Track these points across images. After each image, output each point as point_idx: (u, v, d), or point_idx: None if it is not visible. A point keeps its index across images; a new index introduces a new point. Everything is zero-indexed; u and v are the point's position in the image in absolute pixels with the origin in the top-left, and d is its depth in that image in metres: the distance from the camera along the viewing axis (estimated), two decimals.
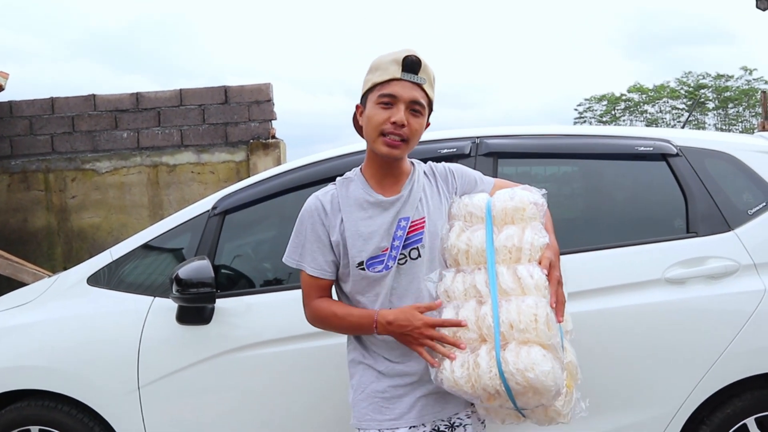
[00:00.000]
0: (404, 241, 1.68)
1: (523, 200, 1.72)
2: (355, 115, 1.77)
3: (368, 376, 1.72)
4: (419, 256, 1.69)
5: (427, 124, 1.73)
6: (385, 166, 1.71)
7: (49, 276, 3.51)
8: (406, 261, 1.68)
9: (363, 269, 1.68)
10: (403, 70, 1.63)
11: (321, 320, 1.74)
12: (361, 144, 2.54)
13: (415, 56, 1.63)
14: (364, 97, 1.71)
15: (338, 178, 1.78)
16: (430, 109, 1.72)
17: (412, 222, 1.69)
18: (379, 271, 1.67)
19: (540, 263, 1.64)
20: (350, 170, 1.79)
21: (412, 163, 1.79)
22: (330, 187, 1.76)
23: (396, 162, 1.71)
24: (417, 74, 1.64)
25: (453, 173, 1.83)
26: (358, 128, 1.77)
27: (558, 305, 1.63)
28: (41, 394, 2.48)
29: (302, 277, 1.75)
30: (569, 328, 1.78)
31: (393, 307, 1.67)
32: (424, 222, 1.71)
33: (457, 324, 1.57)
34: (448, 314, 1.63)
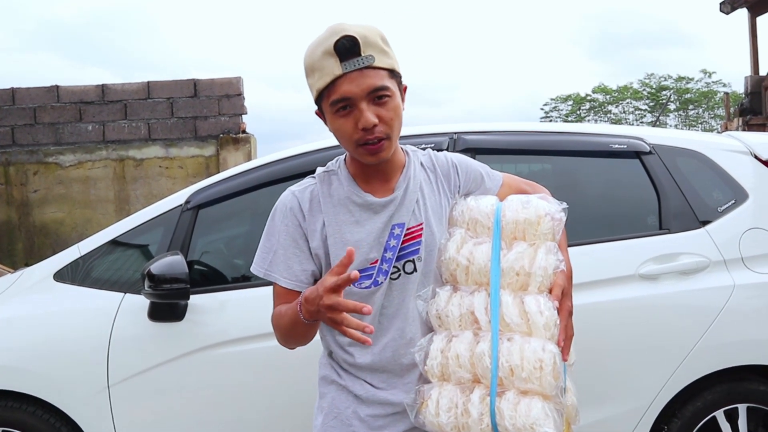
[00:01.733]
0: (398, 252, 1.40)
1: (538, 212, 1.45)
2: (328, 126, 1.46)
3: (343, 399, 1.45)
4: (414, 269, 1.42)
5: (404, 88, 1.43)
6: (372, 164, 1.42)
7: (10, 272, 3.40)
8: (400, 275, 1.42)
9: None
10: (341, 61, 1.30)
11: (275, 328, 1.45)
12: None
13: (347, 36, 1.29)
14: (317, 103, 1.41)
15: (318, 170, 1.49)
16: (398, 77, 1.39)
17: (407, 229, 1.42)
18: (366, 287, 1.40)
19: (551, 292, 1.40)
20: (332, 160, 1.51)
21: (406, 153, 1.49)
22: (308, 182, 1.47)
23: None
24: (360, 55, 1.30)
25: (457, 168, 1.53)
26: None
27: (566, 340, 1.40)
28: (5, 395, 2.40)
29: (274, 290, 1.45)
30: (572, 360, 1.54)
31: (381, 330, 1.42)
32: (421, 229, 1.43)
33: (359, 310, 1.19)
34: (439, 342, 1.39)
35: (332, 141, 2.47)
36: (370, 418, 1.43)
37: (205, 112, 5.91)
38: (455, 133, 2.46)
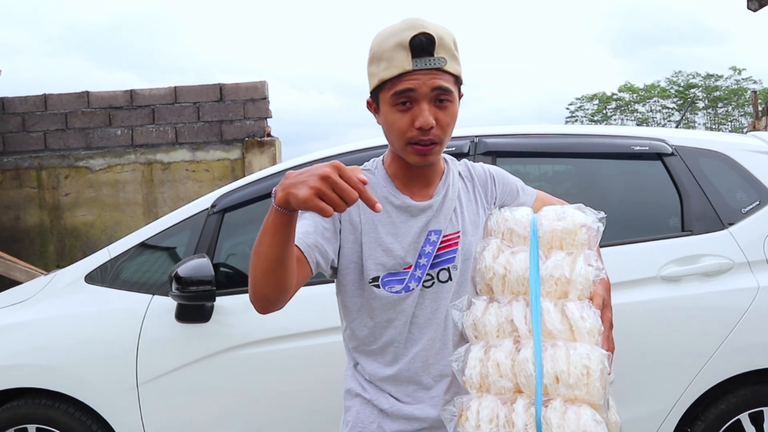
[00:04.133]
0: (433, 259, 1.37)
1: (575, 222, 1.43)
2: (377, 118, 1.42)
3: (367, 413, 1.40)
4: (449, 278, 1.38)
5: (461, 95, 1.39)
6: (414, 167, 1.38)
7: (43, 274, 3.50)
8: (433, 283, 1.38)
9: (377, 287, 1.36)
10: (414, 57, 1.26)
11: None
12: (363, 141, 2.57)
13: (425, 33, 1.26)
14: (374, 93, 1.35)
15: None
16: (461, 85, 1.37)
17: (444, 236, 1.38)
18: (396, 292, 1.36)
19: (592, 301, 1.35)
20: (369, 161, 1.47)
21: (445, 161, 1.46)
22: None
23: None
24: (433, 55, 1.27)
25: (494, 179, 1.52)
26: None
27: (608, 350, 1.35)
28: (39, 393, 2.48)
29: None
30: (611, 380, 1.47)
31: (411, 340, 1.38)
32: (458, 237, 1.40)
33: (361, 184, 1.05)
34: (477, 352, 1.33)
35: (357, 146, 2.51)
36: None
37: (230, 116, 5.99)
38: (476, 136, 2.47)
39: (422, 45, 1.26)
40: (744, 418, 2.27)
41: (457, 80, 1.34)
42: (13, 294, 2.81)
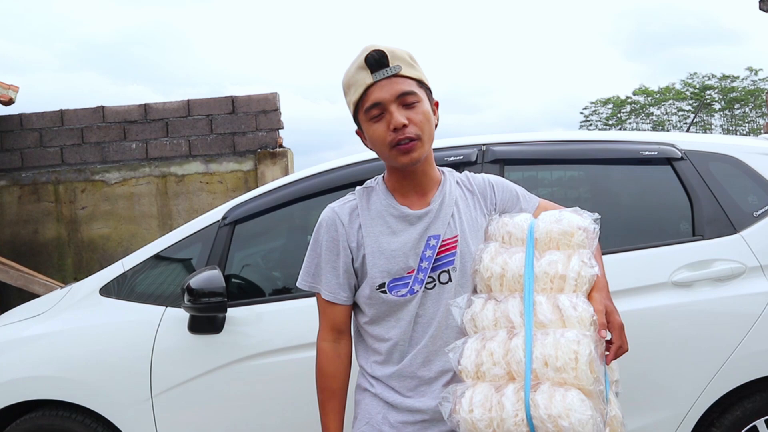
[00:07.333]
0: (433, 263, 1.47)
1: (571, 224, 1.50)
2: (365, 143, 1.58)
3: (375, 406, 1.52)
4: (449, 279, 1.49)
5: (435, 104, 1.52)
6: (409, 176, 1.50)
7: (61, 287, 3.55)
8: (435, 285, 1.48)
9: (384, 292, 1.48)
10: (372, 72, 1.43)
11: (316, 373, 1.58)
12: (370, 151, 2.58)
13: (376, 50, 1.43)
14: (356, 121, 1.52)
15: (358, 188, 1.58)
16: (428, 89, 1.50)
17: (443, 241, 1.48)
18: (402, 296, 1.47)
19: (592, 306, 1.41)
20: (371, 178, 1.60)
21: (442, 172, 1.58)
22: (348, 198, 1.56)
23: (421, 169, 1.50)
24: (388, 66, 1.43)
25: (493, 186, 1.61)
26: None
27: (619, 352, 1.43)
28: (55, 404, 2.51)
29: (317, 300, 1.56)
30: (615, 378, 1.58)
31: (414, 338, 1.49)
32: (456, 241, 1.49)
33: None
34: (473, 345, 1.41)
35: (365, 156, 2.53)
36: (400, 424, 1.49)
37: (243, 128, 6.05)
38: (484, 144, 2.48)
39: (375, 59, 1.43)
40: (760, 424, 2.24)
41: (421, 84, 1.48)
42: (30, 307, 2.86)
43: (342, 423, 1.55)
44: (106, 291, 2.61)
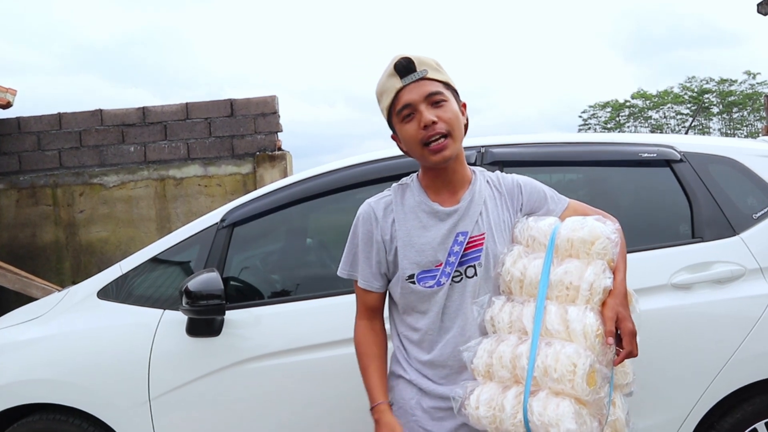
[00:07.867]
0: (460, 258, 1.57)
1: (593, 232, 1.53)
2: (400, 146, 1.68)
3: (408, 392, 1.63)
4: (475, 274, 1.59)
5: (463, 105, 1.63)
6: (441, 175, 1.61)
7: (59, 290, 3.54)
8: (462, 278, 1.58)
9: (413, 283, 1.59)
10: (401, 77, 1.55)
11: (355, 345, 1.69)
12: (374, 153, 2.57)
13: (404, 57, 1.55)
14: (391, 126, 1.63)
15: (394, 185, 1.70)
16: (455, 91, 1.61)
17: (470, 237, 1.58)
18: (430, 287, 1.58)
19: (603, 313, 1.49)
20: (407, 176, 1.71)
21: (473, 171, 1.68)
22: (385, 194, 1.68)
23: (452, 168, 1.60)
24: (416, 71, 1.55)
25: (521, 187, 1.70)
26: (409, 154, 1.67)
27: (628, 357, 1.51)
28: (52, 408, 2.50)
29: (355, 288, 1.70)
30: (628, 380, 1.67)
31: (443, 328, 1.60)
32: (483, 238, 1.59)
33: None
34: (487, 344, 1.52)
35: (364, 158, 2.52)
36: (432, 409, 1.60)
37: (241, 131, 6.04)
38: (483, 146, 2.47)
39: (404, 65, 1.55)
40: (761, 426, 2.23)
41: (448, 86, 1.59)
42: (27, 311, 2.84)
43: (385, 381, 1.65)
44: (104, 294, 2.59)
